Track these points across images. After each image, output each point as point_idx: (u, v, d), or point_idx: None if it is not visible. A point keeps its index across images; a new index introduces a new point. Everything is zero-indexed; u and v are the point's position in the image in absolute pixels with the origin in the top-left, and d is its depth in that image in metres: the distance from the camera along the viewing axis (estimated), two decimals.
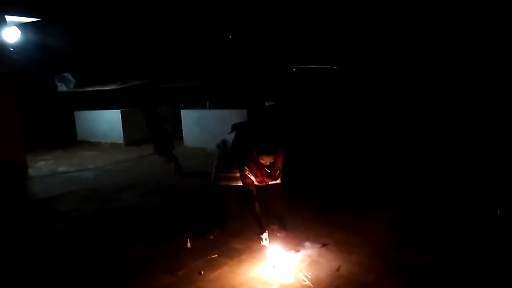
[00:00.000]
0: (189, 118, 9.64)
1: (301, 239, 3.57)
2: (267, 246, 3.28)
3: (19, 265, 3.52)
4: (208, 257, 3.38)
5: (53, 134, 11.19)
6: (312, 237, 3.62)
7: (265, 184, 3.41)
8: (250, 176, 3.33)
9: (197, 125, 9.38)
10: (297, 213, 4.23)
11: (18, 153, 7.64)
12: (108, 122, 11.02)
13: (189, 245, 3.61)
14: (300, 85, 10.74)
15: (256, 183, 3.39)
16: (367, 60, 11.41)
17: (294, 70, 11.28)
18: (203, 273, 3.10)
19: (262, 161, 3.23)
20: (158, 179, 6.56)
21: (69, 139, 11.50)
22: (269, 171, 3.31)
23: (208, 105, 9.61)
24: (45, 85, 12.27)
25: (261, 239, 3.30)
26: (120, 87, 10.94)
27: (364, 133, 9.27)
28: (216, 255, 3.41)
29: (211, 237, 3.78)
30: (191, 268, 3.21)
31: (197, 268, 3.19)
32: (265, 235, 3.29)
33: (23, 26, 8.83)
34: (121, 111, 10.64)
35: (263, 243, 3.30)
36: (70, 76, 13.00)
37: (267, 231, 3.32)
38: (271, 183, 3.48)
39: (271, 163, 3.27)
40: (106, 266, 3.38)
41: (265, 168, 3.29)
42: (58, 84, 13.09)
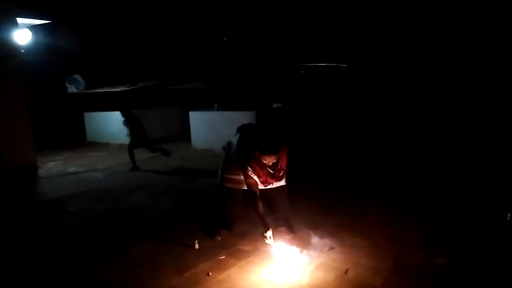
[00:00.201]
0: (197, 119, 9.65)
1: (308, 241, 3.56)
2: (272, 244, 3.30)
3: (28, 264, 3.56)
4: (216, 258, 3.38)
5: (63, 135, 11.29)
6: (319, 239, 3.60)
7: (268, 184, 3.40)
8: (253, 176, 3.33)
9: (205, 126, 9.40)
10: (304, 214, 4.21)
11: (28, 154, 7.75)
12: (117, 123, 11.06)
13: (197, 246, 3.61)
14: (308, 86, 10.70)
15: (259, 184, 3.39)
16: (377, 57, 11.30)
17: (302, 72, 11.25)
18: (210, 274, 3.09)
19: (264, 161, 3.22)
20: (166, 180, 6.60)
21: (78, 140, 11.60)
22: (272, 172, 3.30)
23: (216, 107, 9.64)
24: (55, 86, 12.41)
25: (265, 237, 3.32)
26: (129, 88, 11.02)
27: (373, 133, 9.21)
28: (224, 256, 3.41)
29: (219, 238, 3.77)
30: (199, 269, 3.21)
31: (205, 269, 3.19)
32: (269, 233, 3.30)
33: (34, 28, 8.96)
34: None
35: (268, 241, 3.31)
36: (80, 77, 13.16)
37: (270, 229, 3.33)
38: (275, 184, 3.47)
39: (274, 163, 3.26)
40: (114, 266, 3.40)
41: (268, 168, 3.28)
42: (68, 85, 13.26)
